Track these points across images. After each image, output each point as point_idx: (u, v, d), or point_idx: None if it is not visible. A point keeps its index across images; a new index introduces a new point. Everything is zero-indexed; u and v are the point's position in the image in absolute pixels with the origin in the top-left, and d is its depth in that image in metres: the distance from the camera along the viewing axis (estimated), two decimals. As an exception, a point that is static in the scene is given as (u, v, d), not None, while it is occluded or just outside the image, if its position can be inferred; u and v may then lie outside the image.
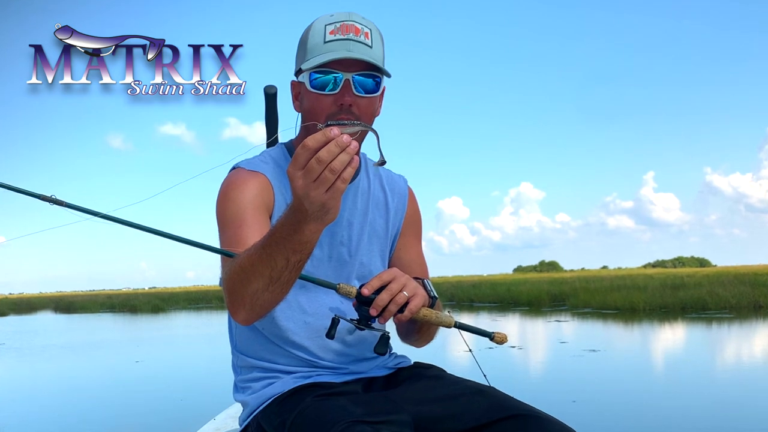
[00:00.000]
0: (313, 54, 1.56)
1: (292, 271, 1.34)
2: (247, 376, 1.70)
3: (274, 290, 1.36)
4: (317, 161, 1.17)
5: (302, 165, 1.18)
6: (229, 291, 1.43)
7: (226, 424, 2.33)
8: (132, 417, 7.27)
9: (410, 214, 1.87)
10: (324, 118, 1.55)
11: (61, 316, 36.69)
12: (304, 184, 1.19)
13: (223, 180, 1.68)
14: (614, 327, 16.57)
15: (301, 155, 1.18)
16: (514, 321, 19.98)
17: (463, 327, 1.59)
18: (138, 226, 1.52)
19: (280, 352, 1.66)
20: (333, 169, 1.17)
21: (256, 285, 1.35)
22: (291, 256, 1.30)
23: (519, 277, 50.10)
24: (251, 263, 1.34)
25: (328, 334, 1.53)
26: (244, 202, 1.58)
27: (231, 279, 1.41)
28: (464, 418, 1.49)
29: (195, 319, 27.60)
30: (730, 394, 7.39)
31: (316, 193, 1.19)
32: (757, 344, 11.99)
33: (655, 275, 32.11)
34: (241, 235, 1.53)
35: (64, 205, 1.53)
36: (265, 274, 1.33)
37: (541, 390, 7.79)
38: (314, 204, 1.20)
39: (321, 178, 1.18)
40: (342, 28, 1.55)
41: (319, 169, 1.17)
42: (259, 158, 1.71)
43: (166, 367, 11.76)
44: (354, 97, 1.55)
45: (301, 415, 1.46)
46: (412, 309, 1.48)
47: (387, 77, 1.61)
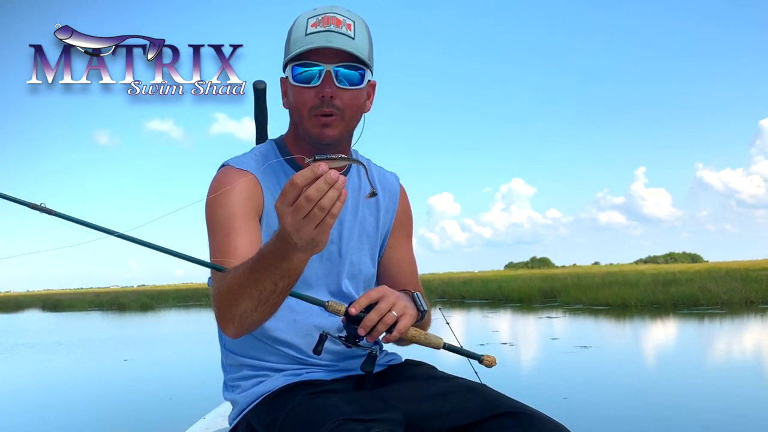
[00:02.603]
0: (295, 47, 1.55)
1: (280, 295, 1.36)
2: (237, 375, 1.69)
3: (262, 311, 1.39)
4: (306, 199, 1.16)
5: (291, 202, 1.18)
6: (219, 308, 1.44)
7: (215, 423, 2.31)
8: (121, 416, 7.24)
9: (401, 212, 1.86)
10: (307, 111, 1.55)
11: (49, 314, 36.57)
12: (293, 220, 1.19)
13: (212, 178, 1.67)
14: (606, 323, 16.60)
15: (290, 192, 1.18)
16: (506, 317, 20.03)
17: (452, 349, 1.59)
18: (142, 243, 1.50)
19: (270, 350, 1.64)
20: (322, 206, 1.17)
21: (244, 305, 1.37)
22: (279, 281, 1.32)
23: (510, 273, 50.36)
24: (240, 285, 1.35)
25: (315, 350, 1.52)
26: (233, 208, 1.57)
27: (220, 297, 1.42)
28: (456, 416, 1.48)
29: (184, 317, 27.55)
30: (721, 390, 7.41)
31: (305, 230, 1.19)
32: (749, 340, 12.04)
33: (646, 271, 32.28)
34: (230, 245, 1.52)
35: (54, 214, 1.51)
36: (254, 296, 1.35)
37: (532, 387, 7.79)
38: (303, 239, 1.21)
39: (310, 215, 1.18)
40: (323, 20, 1.54)
41: (309, 206, 1.17)
42: (248, 155, 1.70)
43: (155, 366, 11.70)
44: (336, 89, 1.54)
45: (291, 413, 1.45)
46: (401, 329, 1.48)
47: (371, 71, 1.59)
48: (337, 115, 1.56)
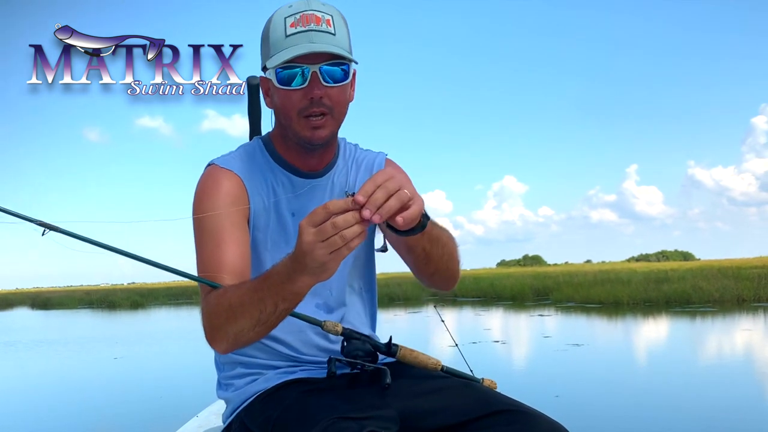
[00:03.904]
0: (276, 50, 1.53)
1: (278, 317, 1.37)
2: (230, 373, 1.68)
3: (258, 331, 1.39)
4: (332, 225, 1.19)
5: (317, 223, 1.20)
6: (212, 324, 1.43)
7: (209, 421, 2.30)
8: (112, 415, 7.22)
9: None
10: (295, 113, 1.53)
11: (38, 312, 36.42)
12: (313, 240, 1.20)
13: (199, 178, 1.65)
14: (598, 321, 16.65)
15: (319, 214, 1.20)
16: (498, 315, 20.06)
17: (451, 372, 1.61)
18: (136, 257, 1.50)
19: (263, 348, 1.64)
20: (344, 236, 1.19)
21: (242, 324, 1.37)
22: (280, 303, 1.33)
23: (502, 271, 50.30)
24: (240, 303, 1.36)
25: (328, 374, 1.51)
26: (221, 217, 1.55)
27: (216, 314, 1.41)
28: (450, 413, 1.48)
29: (175, 315, 27.51)
30: (713, 388, 7.45)
31: (321, 252, 1.20)
32: (740, 338, 12.08)
33: (638, 269, 32.29)
34: (219, 257, 1.51)
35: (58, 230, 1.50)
36: (254, 316, 1.35)
37: (524, 384, 7.79)
38: (315, 261, 1.22)
39: (330, 241, 1.20)
40: (302, 19, 1.51)
41: (332, 232, 1.19)
42: (234, 154, 1.69)
43: (146, 364, 11.68)
44: (323, 88, 1.52)
45: (285, 411, 1.44)
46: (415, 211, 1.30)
47: (354, 64, 1.57)
48: (327, 114, 1.55)
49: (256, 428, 1.50)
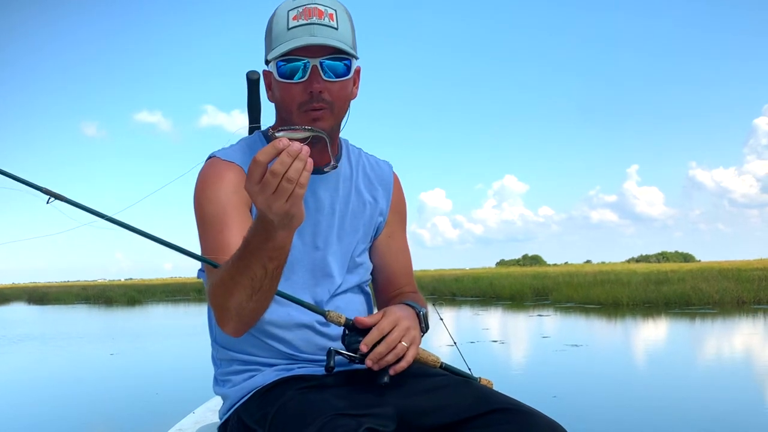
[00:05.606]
0: (277, 42, 1.53)
1: (272, 279, 1.34)
2: (228, 369, 1.67)
3: (258, 299, 1.37)
4: (272, 174, 1.16)
5: (257, 180, 1.18)
6: (215, 306, 1.43)
7: (206, 417, 2.28)
8: (109, 411, 7.20)
9: (396, 201, 1.84)
10: (296, 107, 1.54)
11: (35, 307, 36.39)
12: (263, 198, 1.19)
13: (199, 171, 1.65)
14: (597, 322, 16.64)
15: (255, 171, 1.18)
16: (497, 315, 20.07)
17: (449, 369, 1.63)
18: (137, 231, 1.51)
19: (261, 345, 1.63)
20: (289, 179, 1.17)
21: (239, 297, 1.36)
22: (268, 263, 1.30)
23: (502, 271, 50.45)
24: (230, 276, 1.35)
25: (327, 367, 1.49)
26: (223, 201, 1.55)
27: (214, 294, 1.41)
28: (448, 411, 1.48)
29: (172, 311, 27.51)
30: (712, 390, 7.43)
31: (277, 205, 1.19)
32: (740, 340, 12.07)
33: (638, 270, 32.36)
34: (222, 241, 1.51)
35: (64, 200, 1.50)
36: (246, 285, 1.34)
37: (522, 384, 7.79)
38: (278, 215, 1.20)
39: (279, 190, 1.17)
40: (305, 13, 1.51)
41: (275, 181, 1.17)
42: (235, 147, 1.69)
43: (143, 360, 11.64)
44: (324, 82, 1.52)
45: (282, 408, 1.44)
46: (409, 360, 1.47)
47: (356, 58, 1.56)
48: (327, 109, 1.54)
49: (253, 424, 1.49)
